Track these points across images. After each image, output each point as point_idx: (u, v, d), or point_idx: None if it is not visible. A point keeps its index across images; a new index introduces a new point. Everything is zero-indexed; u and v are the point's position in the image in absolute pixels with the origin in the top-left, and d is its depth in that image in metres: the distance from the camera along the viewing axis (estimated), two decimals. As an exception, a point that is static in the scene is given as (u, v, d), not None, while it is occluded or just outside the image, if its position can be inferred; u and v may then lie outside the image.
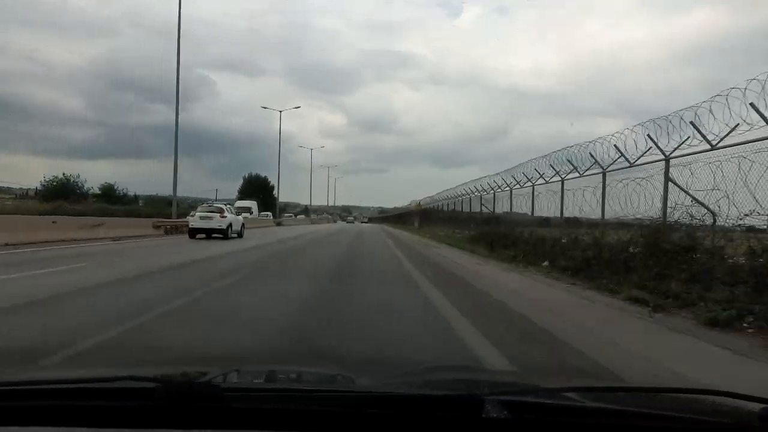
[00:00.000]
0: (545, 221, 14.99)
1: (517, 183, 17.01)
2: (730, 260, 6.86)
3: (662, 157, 8.97)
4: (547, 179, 14.49)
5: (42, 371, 2.04)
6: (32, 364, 3.13)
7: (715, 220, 7.61)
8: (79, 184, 52.35)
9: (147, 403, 1.13)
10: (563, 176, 13.32)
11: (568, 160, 12.64)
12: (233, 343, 4.82)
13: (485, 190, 21.85)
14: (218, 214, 23.35)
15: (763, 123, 6.66)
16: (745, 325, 5.41)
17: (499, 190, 19.38)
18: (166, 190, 42.82)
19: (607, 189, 10.91)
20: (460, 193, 28.19)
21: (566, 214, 13.15)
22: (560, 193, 13.41)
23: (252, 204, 52.15)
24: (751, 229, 6.92)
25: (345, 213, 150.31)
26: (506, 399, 1.13)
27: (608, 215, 10.84)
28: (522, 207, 16.82)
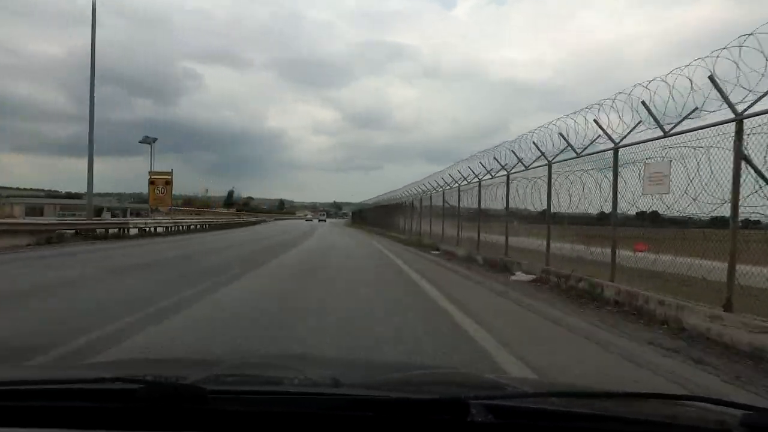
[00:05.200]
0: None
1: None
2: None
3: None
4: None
5: (27, 371, 2.05)
6: (17, 364, 3.11)
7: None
8: None
9: (131, 405, 1.13)
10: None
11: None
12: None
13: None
14: None
15: None
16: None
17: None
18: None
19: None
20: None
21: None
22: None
23: None
24: None
25: (333, 209, 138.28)
26: (491, 403, 1.13)
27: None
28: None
